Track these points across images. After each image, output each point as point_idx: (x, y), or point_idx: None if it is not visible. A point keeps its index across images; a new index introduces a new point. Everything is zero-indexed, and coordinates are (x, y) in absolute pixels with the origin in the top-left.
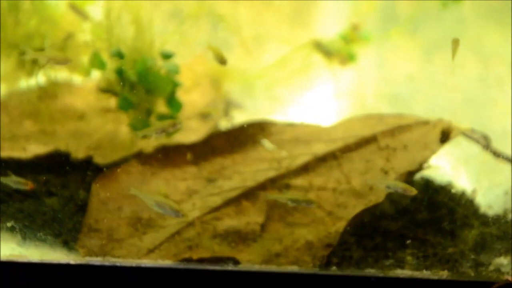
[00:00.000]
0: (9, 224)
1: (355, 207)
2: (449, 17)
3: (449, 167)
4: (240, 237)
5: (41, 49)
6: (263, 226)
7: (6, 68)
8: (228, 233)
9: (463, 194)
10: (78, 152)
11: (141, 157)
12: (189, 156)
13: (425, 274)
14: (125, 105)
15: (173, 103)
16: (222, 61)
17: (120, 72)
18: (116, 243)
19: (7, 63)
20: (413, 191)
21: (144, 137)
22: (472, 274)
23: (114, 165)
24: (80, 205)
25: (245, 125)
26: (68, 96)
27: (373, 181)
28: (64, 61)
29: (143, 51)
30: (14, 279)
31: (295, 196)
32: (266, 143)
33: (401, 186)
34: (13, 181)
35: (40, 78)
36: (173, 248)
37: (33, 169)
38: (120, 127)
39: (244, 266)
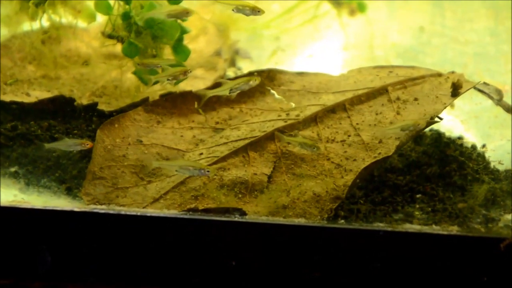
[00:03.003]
0: (12, 169)
1: (364, 160)
2: None
3: (460, 121)
4: (247, 188)
5: None
6: (270, 177)
7: (9, 11)
8: (235, 183)
9: (473, 148)
10: (83, 99)
11: (147, 105)
12: (196, 104)
13: (435, 229)
14: (131, 51)
15: (180, 50)
16: (256, 11)
17: (126, 17)
18: (121, 191)
19: (10, 6)
20: (421, 124)
21: (156, 83)
22: (482, 230)
23: (120, 112)
24: (84, 152)
25: (255, 74)
26: (72, 41)
27: (385, 129)
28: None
29: None
30: (17, 225)
31: (306, 140)
32: (275, 94)
33: (411, 124)
34: (67, 144)
35: (43, 22)
36: (179, 198)
37: (37, 115)
38: (125, 74)
39: (250, 218)
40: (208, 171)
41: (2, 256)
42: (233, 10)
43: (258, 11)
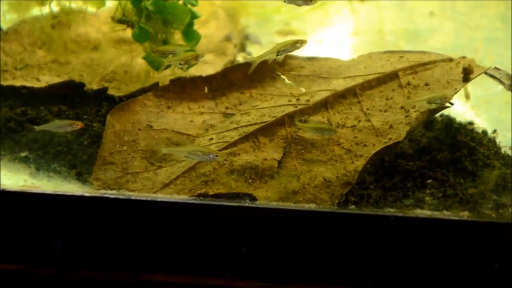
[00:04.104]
0: (22, 154)
1: (375, 146)
2: None
3: (471, 107)
4: (257, 173)
5: None
6: (280, 163)
7: None
8: (245, 169)
9: (484, 134)
10: (93, 84)
11: (157, 90)
12: (206, 89)
13: (445, 214)
14: (141, 36)
15: (191, 35)
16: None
17: (136, 2)
18: (131, 176)
19: None
20: (449, 97)
21: (167, 67)
22: (493, 215)
23: (130, 98)
24: (94, 137)
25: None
26: (82, 26)
27: (412, 100)
28: None
29: None
30: (27, 210)
31: (319, 125)
32: (285, 79)
33: (438, 96)
34: (57, 125)
35: (53, 7)
36: (189, 183)
37: (47, 100)
38: (135, 59)
39: (261, 203)
40: (216, 156)
41: (12, 241)
42: (285, 1)
43: (310, 0)
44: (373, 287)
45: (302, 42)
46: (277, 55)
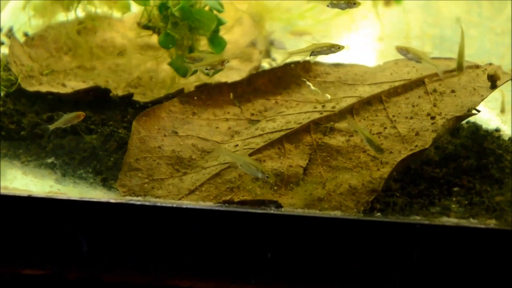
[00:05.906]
0: (49, 160)
1: (401, 153)
2: None
3: (496, 114)
4: (282, 180)
5: None
6: (305, 170)
7: (44, 1)
8: None
9: (511, 141)
10: (118, 89)
11: (183, 96)
12: (231, 96)
13: (472, 222)
14: (167, 42)
15: (217, 41)
16: (352, 3)
17: (163, 8)
18: (156, 183)
19: None
20: None
21: (194, 72)
22: None
23: (155, 104)
24: (120, 143)
25: (292, 65)
26: (108, 31)
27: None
28: None
29: None
30: (53, 216)
31: (374, 138)
32: (310, 86)
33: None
34: (66, 120)
35: (79, 13)
36: (214, 189)
37: (72, 105)
38: (161, 65)
39: (286, 210)
40: (268, 177)
41: (38, 247)
42: (328, 5)
43: (354, 4)
44: None
45: (338, 47)
46: (310, 55)
